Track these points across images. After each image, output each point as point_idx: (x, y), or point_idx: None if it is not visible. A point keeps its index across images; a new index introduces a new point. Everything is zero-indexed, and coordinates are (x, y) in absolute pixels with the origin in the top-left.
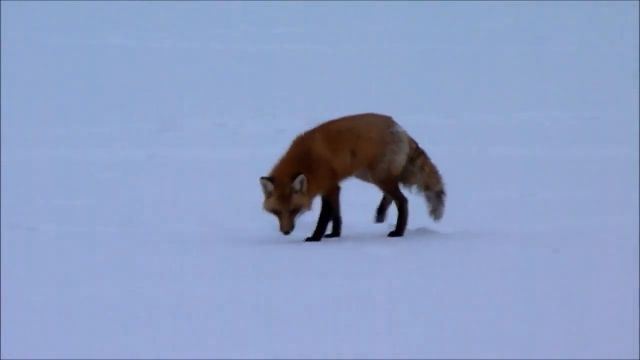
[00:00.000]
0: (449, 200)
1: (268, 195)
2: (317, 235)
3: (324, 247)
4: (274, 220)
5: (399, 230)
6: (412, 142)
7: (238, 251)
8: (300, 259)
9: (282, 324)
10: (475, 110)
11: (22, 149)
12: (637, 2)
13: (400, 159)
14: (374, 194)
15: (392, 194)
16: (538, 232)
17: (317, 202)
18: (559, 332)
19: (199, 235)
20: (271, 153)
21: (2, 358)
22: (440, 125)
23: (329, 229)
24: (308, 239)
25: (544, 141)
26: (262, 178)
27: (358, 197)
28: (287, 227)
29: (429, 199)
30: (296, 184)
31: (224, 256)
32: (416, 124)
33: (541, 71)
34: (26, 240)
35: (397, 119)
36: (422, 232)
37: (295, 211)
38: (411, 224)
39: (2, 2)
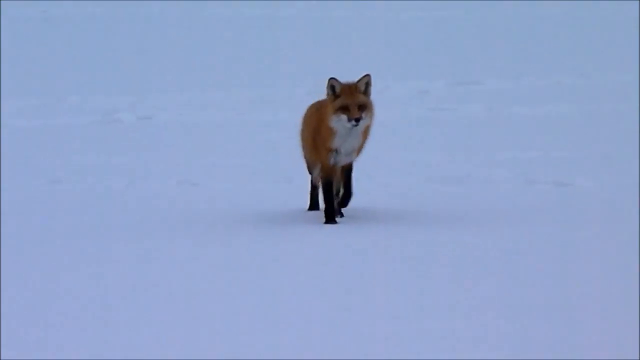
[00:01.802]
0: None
1: (336, 96)
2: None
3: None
4: None
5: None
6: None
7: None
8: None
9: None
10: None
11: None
12: None
13: None
14: None
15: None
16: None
17: None
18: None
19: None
20: (415, 114)
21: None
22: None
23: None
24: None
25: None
26: (332, 78)
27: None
28: (357, 114)
29: None
30: (361, 84)
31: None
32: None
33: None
34: (187, 195)
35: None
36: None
37: (361, 107)
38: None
39: None
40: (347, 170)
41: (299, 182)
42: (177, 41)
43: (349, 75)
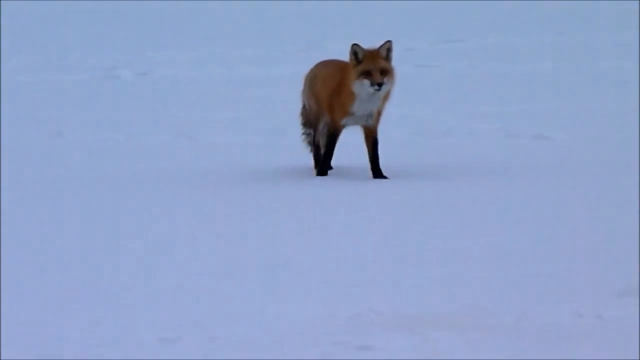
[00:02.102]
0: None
1: (358, 61)
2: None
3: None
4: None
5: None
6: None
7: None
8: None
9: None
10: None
11: (185, 68)
12: None
13: None
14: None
15: None
16: None
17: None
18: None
19: None
20: (402, 71)
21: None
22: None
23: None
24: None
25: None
26: (355, 44)
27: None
28: (379, 79)
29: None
30: (383, 50)
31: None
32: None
33: None
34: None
35: None
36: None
37: (383, 72)
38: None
39: None
40: (374, 141)
41: (292, 135)
42: (171, 2)
43: (338, 35)
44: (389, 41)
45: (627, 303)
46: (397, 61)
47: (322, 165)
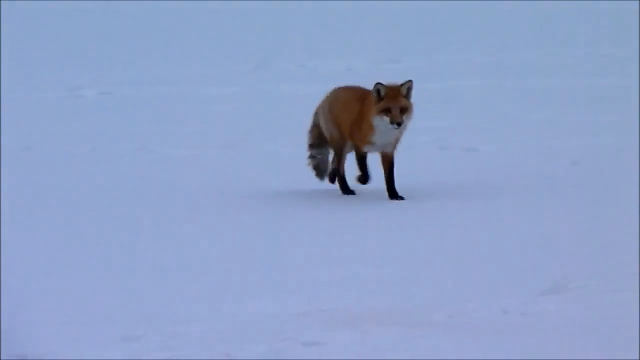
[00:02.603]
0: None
1: (380, 98)
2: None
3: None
4: None
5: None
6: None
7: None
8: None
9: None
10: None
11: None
12: None
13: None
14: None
15: None
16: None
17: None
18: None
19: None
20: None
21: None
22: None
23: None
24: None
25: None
26: (378, 83)
27: None
28: (399, 119)
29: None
30: (404, 88)
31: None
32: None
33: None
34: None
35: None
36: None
37: (403, 110)
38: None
39: None
40: (390, 165)
41: (244, 147)
42: (134, 25)
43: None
44: (410, 80)
45: (550, 300)
46: (338, 80)
47: (363, 178)
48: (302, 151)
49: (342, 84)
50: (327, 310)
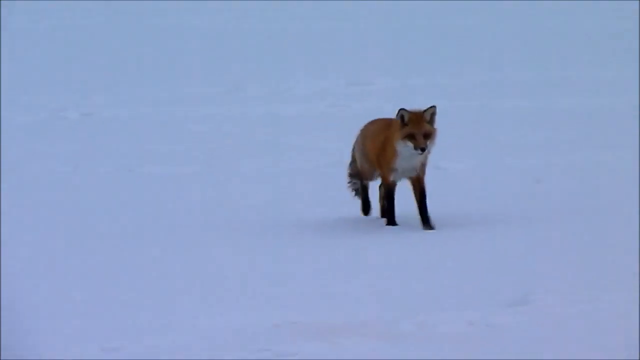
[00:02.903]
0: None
1: (404, 124)
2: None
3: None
4: None
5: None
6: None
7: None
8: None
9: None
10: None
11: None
12: None
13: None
14: None
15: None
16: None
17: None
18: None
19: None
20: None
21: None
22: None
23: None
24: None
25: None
26: (402, 109)
27: None
28: (423, 144)
29: None
30: (427, 114)
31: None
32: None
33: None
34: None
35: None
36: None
37: (427, 135)
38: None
39: None
40: (422, 192)
41: (221, 167)
42: (114, 49)
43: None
44: (433, 106)
45: (515, 312)
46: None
47: (389, 219)
48: (281, 170)
49: (372, 117)
50: (300, 322)
